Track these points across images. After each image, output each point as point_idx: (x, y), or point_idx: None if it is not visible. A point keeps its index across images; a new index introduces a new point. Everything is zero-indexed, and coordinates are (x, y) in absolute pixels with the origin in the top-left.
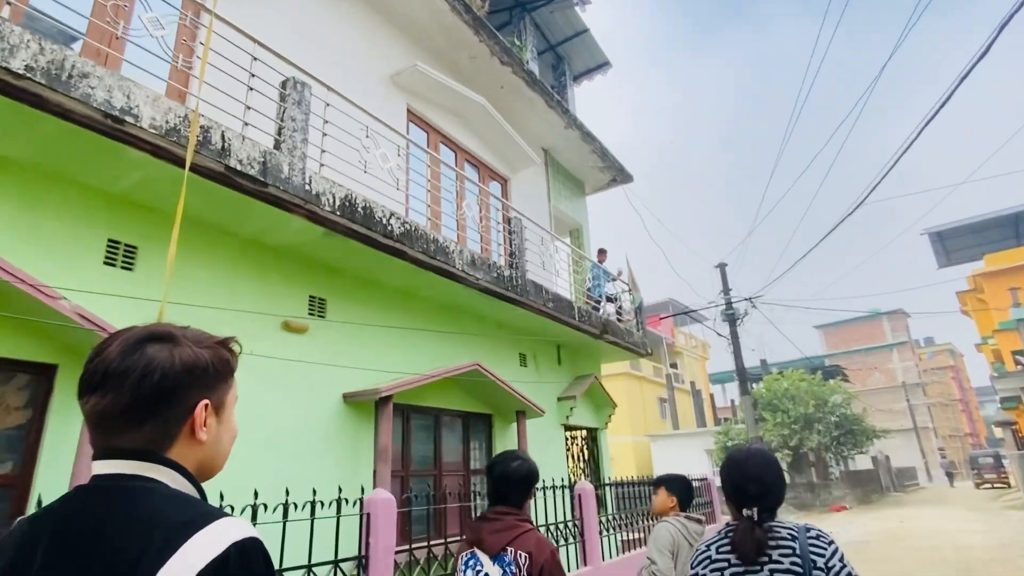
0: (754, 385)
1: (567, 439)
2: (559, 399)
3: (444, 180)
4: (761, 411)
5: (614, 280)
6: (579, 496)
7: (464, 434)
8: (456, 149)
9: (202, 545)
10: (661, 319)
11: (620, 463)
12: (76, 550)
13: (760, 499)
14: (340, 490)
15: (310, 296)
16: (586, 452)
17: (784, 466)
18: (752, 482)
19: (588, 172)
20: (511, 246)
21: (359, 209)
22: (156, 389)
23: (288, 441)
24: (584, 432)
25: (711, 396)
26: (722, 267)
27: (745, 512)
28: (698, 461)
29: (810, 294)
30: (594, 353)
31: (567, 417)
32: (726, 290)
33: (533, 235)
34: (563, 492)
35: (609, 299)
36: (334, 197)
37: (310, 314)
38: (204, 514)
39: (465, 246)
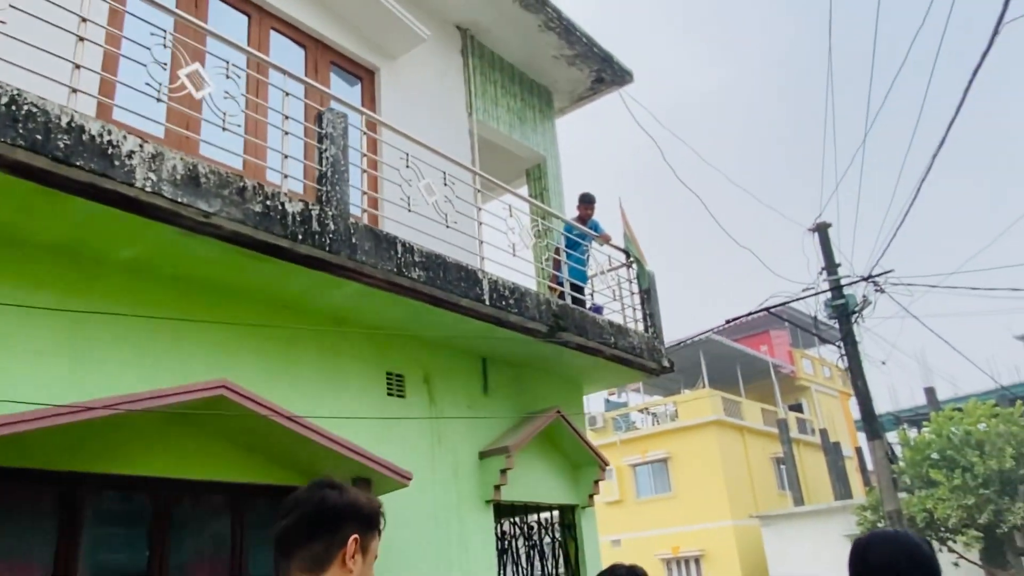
0: (918, 429)
1: (507, 531)
2: (481, 455)
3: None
4: (928, 470)
5: (601, 243)
6: None
7: (236, 534)
8: (250, 7)
9: None
10: (726, 324)
11: (719, 563)
12: None
13: None
14: None
15: None
16: (558, 553)
17: (975, 556)
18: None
19: (550, 68)
20: (321, 163)
21: None
22: (325, 515)
23: None
24: (547, 516)
25: (858, 451)
26: (822, 229)
27: None
28: (838, 553)
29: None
30: (568, 373)
31: (496, 489)
32: (831, 266)
33: (421, 164)
34: None
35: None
36: None
37: None
38: None
39: (173, 155)
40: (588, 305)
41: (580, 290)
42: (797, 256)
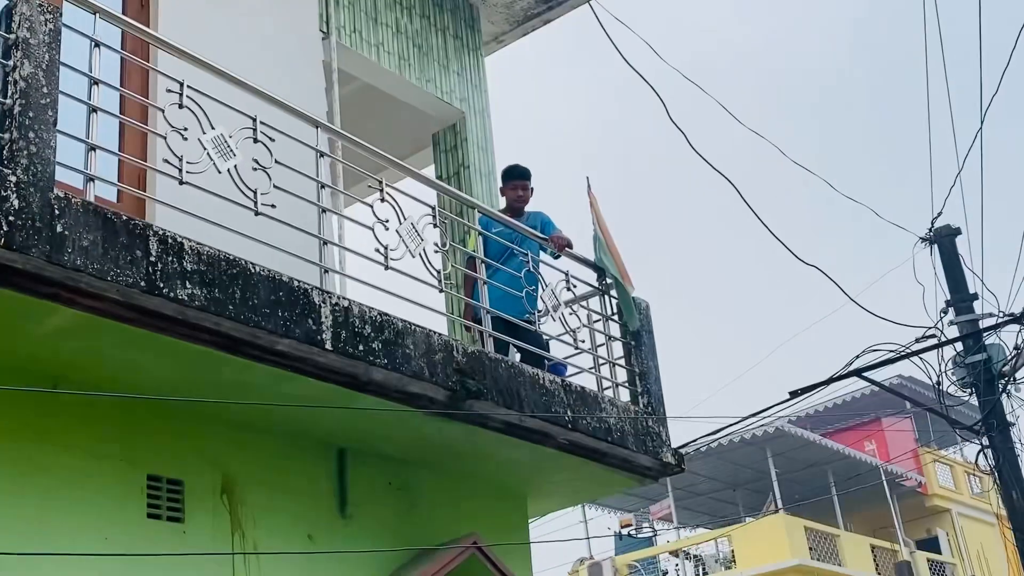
0: None
1: None
2: None
3: None
4: None
5: (555, 254)
6: None
7: None
8: None
9: None
10: (790, 399)
11: None
12: None
13: None
14: None
15: None
16: None
17: None
18: None
19: None
20: (6, 93)
21: None
22: None
23: None
24: None
25: None
26: (945, 237)
27: None
28: None
29: None
30: (498, 478)
31: None
32: (961, 299)
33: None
34: None
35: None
36: None
37: None
38: None
39: None
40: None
41: (522, 334)
42: (897, 286)
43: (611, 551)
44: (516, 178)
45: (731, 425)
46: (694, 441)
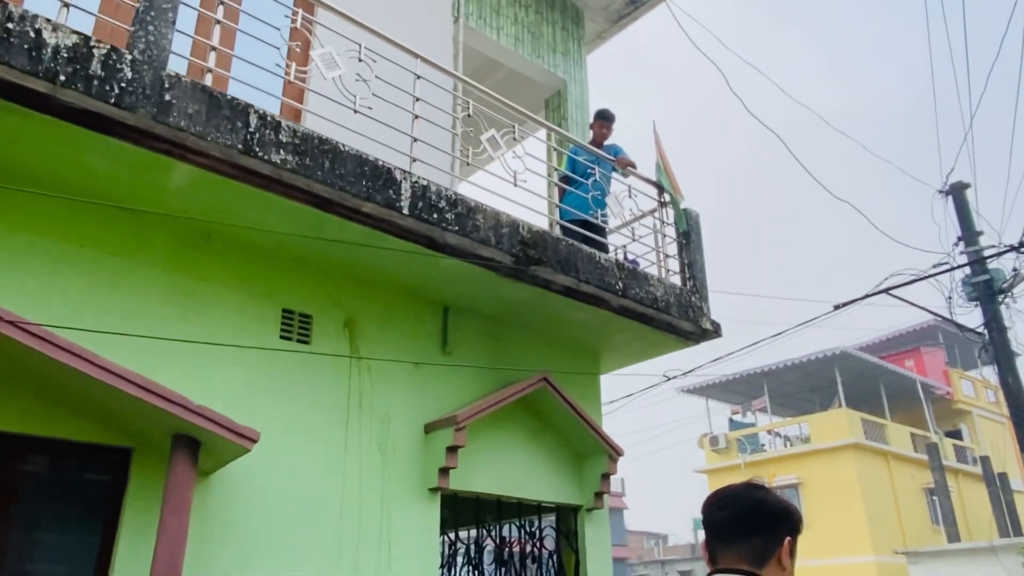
0: None
1: (503, 538)
2: (427, 429)
3: None
4: None
5: (623, 171)
6: None
7: None
8: None
9: None
10: (834, 310)
11: None
12: None
13: None
14: None
15: None
16: (549, 567)
17: None
18: None
19: None
20: None
21: None
22: (762, 511)
23: None
24: (532, 520)
25: None
26: (958, 191)
27: None
28: None
29: None
30: (571, 334)
31: (442, 474)
32: (969, 235)
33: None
34: None
35: (589, 224)
36: None
37: None
38: None
39: None
40: (624, 254)
41: (598, 230)
42: (919, 230)
43: (725, 429)
44: (601, 118)
45: (788, 330)
46: (760, 341)
